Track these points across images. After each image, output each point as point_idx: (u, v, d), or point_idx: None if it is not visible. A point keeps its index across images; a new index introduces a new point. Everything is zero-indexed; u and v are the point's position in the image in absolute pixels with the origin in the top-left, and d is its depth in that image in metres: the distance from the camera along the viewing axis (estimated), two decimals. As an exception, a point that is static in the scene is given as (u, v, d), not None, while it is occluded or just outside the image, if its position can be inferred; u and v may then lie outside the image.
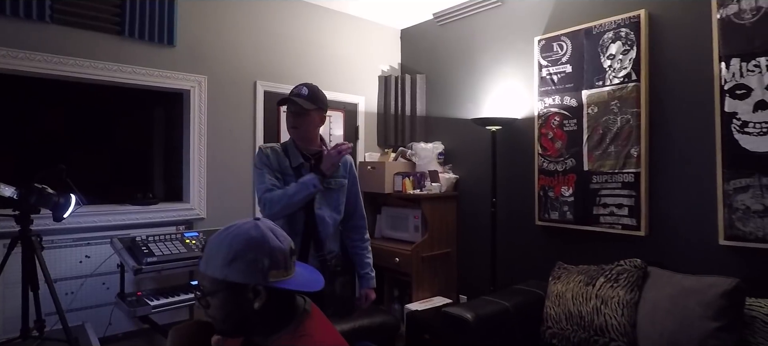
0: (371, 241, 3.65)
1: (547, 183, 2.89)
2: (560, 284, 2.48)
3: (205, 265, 0.96)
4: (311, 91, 1.87)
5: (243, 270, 0.93)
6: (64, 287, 2.38)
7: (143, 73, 2.70)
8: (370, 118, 3.91)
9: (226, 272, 0.93)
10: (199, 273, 0.99)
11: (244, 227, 0.98)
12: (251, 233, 0.97)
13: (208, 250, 0.98)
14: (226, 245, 0.95)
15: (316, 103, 1.87)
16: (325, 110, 1.94)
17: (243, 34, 3.14)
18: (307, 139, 1.93)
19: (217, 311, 0.96)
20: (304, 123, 1.88)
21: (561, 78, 2.82)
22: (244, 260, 0.94)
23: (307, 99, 1.84)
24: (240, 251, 0.94)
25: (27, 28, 2.33)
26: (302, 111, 1.84)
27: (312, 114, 1.87)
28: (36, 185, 1.75)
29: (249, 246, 0.95)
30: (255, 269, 0.94)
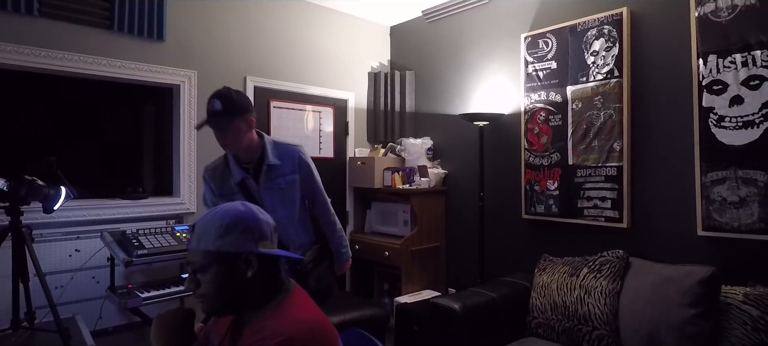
0: (361, 235, 3.74)
1: (533, 177, 2.95)
2: (546, 275, 2.54)
3: (198, 241, 1.02)
4: (225, 102, 1.69)
5: (235, 241, 1.01)
6: (54, 280, 2.38)
7: (132, 68, 2.70)
8: (360, 114, 3.94)
9: (219, 243, 1.00)
10: (189, 252, 1.03)
11: (232, 205, 1.07)
12: (240, 208, 1.06)
13: (199, 228, 1.04)
14: (218, 219, 1.02)
15: (235, 113, 1.70)
16: (249, 113, 1.77)
17: (233, 30, 3.16)
18: (241, 150, 1.80)
19: (210, 286, 1.00)
20: (230, 137, 1.73)
21: (546, 74, 2.88)
22: (237, 231, 1.01)
23: (223, 114, 1.68)
24: (232, 223, 1.02)
25: (14, 22, 2.33)
26: (222, 129, 1.72)
27: (235, 124, 1.71)
28: (26, 177, 1.75)
29: (241, 219, 1.03)
30: (247, 239, 1.02)
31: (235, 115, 1.71)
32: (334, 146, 3.77)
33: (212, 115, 1.70)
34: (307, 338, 0.96)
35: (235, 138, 1.74)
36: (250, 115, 1.78)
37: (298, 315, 1.01)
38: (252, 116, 1.80)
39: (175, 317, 1.06)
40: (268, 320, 1.00)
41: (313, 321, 1.02)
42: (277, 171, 1.86)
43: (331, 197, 2.15)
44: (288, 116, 3.48)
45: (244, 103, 1.78)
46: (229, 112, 1.70)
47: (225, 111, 1.69)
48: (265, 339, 0.94)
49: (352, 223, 3.87)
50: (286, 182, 1.88)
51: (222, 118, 1.69)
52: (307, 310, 1.06)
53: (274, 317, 1.00)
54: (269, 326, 0.97)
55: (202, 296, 1.02)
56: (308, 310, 1.06)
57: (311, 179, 2.00)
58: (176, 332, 1.04)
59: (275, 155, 1.87)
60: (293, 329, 0.96)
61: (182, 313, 1.08)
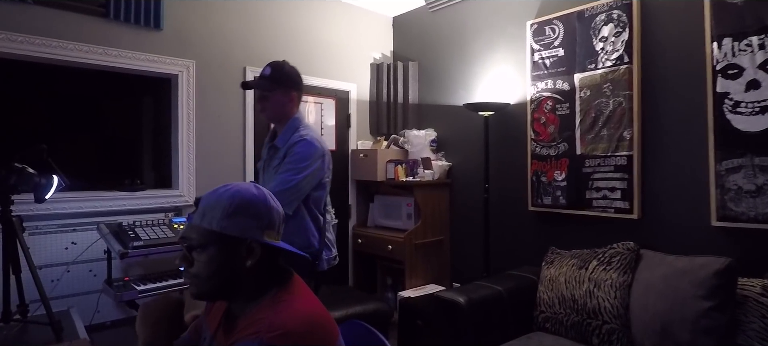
0: (364, 229, 3.68)
1: (540, 168, 2.87)
2: (553, 268, 2.47)
3: (201, 217, 0.94)
4: (274, 71, 1.79)
5: (242, 225, 0.94)
6: (50, 273, 2.34)
7: (129, 57, 2.65)
8: (362, 106, 3.87)
9: (224, 224, 0.93)
10: (188, 227, 0.96)
11: (244, 186, 1.00)
12: (253, 191, 0.99)
13: (205, 204, 0.96)
14: (228, 198, 0.95)
15: (279, 83, 1.79)
16: (293, 89, 1.83)
17: (232, 19, 3.09)
18: (274, 121, 1.88)
19: (204, 267, 0.93)
20: (269, 105, 1.82)
21: (553, 62, 2.80)
22: (246, 215, 0.94)
23: (268, 79, 1.78)
24: (242, 205, 0.95)
25: (8, 9, 2.28)
26: (263, 94, 1.81)
27: (275, 93, 1.79)
28: (16, 165, 1.70)
29: (252, 202, 0.96)
30: (253, 225, 0.95)
31: (278, 84, 1.79)
32: (336, 138, 3.70)
33: (259, 78, 1.81)
34: (305, 332, 0.90)
35: (271, 107, 1.81)
36: (293, 91, 1.84)
37: (296, 308, 0.94)
38: (294, 92, 1.85)
39: (162, 307, 1.00)
40: (265, 312, 0.93)
41: (311, 314, 0.95)
42: (276, 154, 1.84)
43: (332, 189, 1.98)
44: (289, 108, 3.41)
45: (292, 77, 1.84)
46: (273, 80, 1.78)
47: (271, 77, 1.78)
48: (260, 332, 0.87)
49: (355, 216, 3.81)
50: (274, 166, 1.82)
51: (265, 82, 1.79)
52: (306, 302, 0.99)
53: (271, 309, 0.93)
54: (265, 319, 0.90)
55: (194, 276, 0.95)
56: (307, 302, 0.99)
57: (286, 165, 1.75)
58: (164, 322, 0.98)
59: (284, 139, 1.82)
60: (291, 322, 0.89)
61: (170, 302, 1.01)
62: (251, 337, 0.87)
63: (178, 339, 1.10)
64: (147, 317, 0.98)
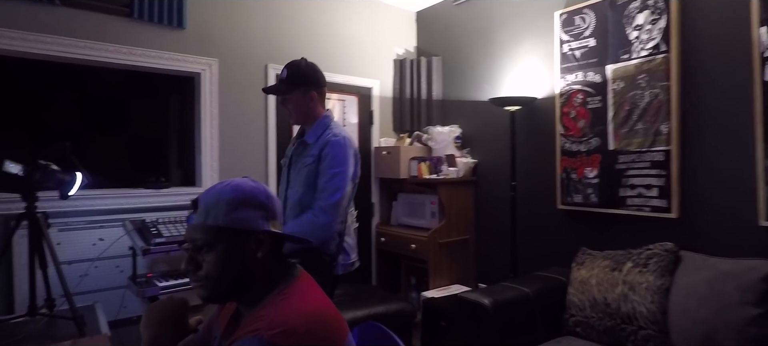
0: (387, 228, 3.62)
1: (569, 165, 2.74)
2: (584, 270, 2.35)
3: (205, 216, 0.91)
4: (291, 72, 1.77)
5: (248, 217, 0.92)
6: (78, 269, 2.39)
7: (153, 56, 2.68)
8: (385, 103, 3.82)
9: (230, 218, 0.90)
10: (191, 228, 0.93)
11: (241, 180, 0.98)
12: (251, 183, 0.97)
13: (206, 201, 0.93)
14: (229, 192, 0.93)
15: (294, 84, 1.76)
16: (312, 88, 1.79)
17: (254, 17, 3.10)
18: (299, 122, 1.87)
19: (213, 267, 0.90)
20: (288, 106, 1.81)
21: (584, 53, 2.67)
22: (251, 205, 0.93)
23: (285, 82, 1.77)
24: (244, 197, 0.93)
25: (36, 11, 2.34)
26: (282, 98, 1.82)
27: (293, 94, 1.78)
28: (40, 162, 1.73)
29: (254, 193, 0.95)
30: (259, 215, 0.93)
31: (295, 86, 1.78)
32: (358, 136, 3.66)
33: (277, 82, 1.82)
34: (307, 331, 0.85)
35: (293, 108, 1.81)
36: (312, 89, 1.80)
37: (299, 305, 0.90)
38: (315, 91, 1.81)
39: (166, 308, 0.97)
40: (268, 308, 0.89)
41: (316, 312, 0.91)
42: (306, 150, 1.80)
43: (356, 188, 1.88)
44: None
45: (309, 76, 1.81)
46: (290, 82, 1.77)
47: (288, 79, 1.77)
48: (260, 330, 0.83)
49: (378, 215, 3.76)
50: (303, 163, 1.79)
51: (283, 85, 1.78)
52: (311, 299, 0.94)
53: (274, 305, 0.89)
54: (267, 316, 0.86)
55: (203, 278, 0.91)
56: (312, 299, 0.95)
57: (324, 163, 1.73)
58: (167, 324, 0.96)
59: (315, 136, 1.79)
60: (293, 319, 0.85)
61: (175, 303, 0.99)
62: (251, 334, 0.83)
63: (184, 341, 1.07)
64: (151, 318, 0.95)
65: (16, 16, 2.29)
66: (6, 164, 1.71)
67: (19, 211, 1.77)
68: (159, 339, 0.94)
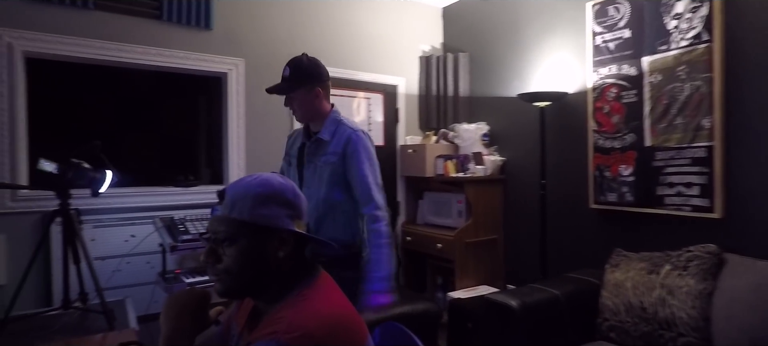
0: (413, 226, 3.58)
1: (603, 162, 2.63)
2: (619, 272, 2.24)
3: (230, 208, 0.89)
4: (294, 70, 1.73)
5: (274, 213, 0.91)
6: (111, 264, 2.47)
7: (182, 57, 2.74)
8: (411, 100, 3.78)
9: (255, 213, 0.89)
10: (215, 220, 0.92)
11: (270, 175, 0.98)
12: (279, 179, 0.96)
13: (232, 194, 0.91)
14: (257, 185, 0.92)
15: (299, 82, 1.72)
16: (316, 84, 1.75)
17: (279, 16, 3.12)
18: (306, 119, 1.83)
19: (234, 261, 0.88)
20: (294, 104, 1.78)
21: (618, 45, 2.55)
22: (277, 202, 0.92)
23: (289, 80, 1.73)
24: (272, 194, 0.92)
25: (72, 15, 2.42)
26: (288, 97, 1.78)
27: (298, 92, 1.74)
28: (73, 160, 1.79)
29: (282, 190, 0.94)
30: (284, 214, 0.92)
31: (300, 83, 1.74)
32: (384, 134, 3.64)
33: (281, 80, 1.77)
34: (326, 335, 0.83)
35: (298, 105, 1.78)
36: (316, 85, 1.76)
37: (318, 308, 0.88)
38: (319, 87, 1.77)
39: (185, 300, 0.96)
40: (287, 310, 0.87)
41: (335, 315, 0.88)
42: (322, 148, 1.78)
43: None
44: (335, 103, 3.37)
45: (312, 72, 1.77)
46: (293, 80, 1.74)
47: (291, 77, 1.74)
48: (277, 333, 0.81)
49: (404, 213, 3.72)
50: (324, 160, 1.76)
51: (286, 84, 1.75)
52: (330, 302, 0.92)
53: (293, 307, 0.87)
54: (286, 318, 0.84)
55: (222, 272, 0.89)
56: (332, 302, 0.92)
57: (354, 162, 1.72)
58: (186, 316, 0.94)
59: (329, 132, 1.77)
60: (312, 323, 0.83)
61: (194, 295, 0.97)
62: (269, 336, 0.81)
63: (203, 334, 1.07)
64: (169, 309, 0.94)
65: (53, 21, 2.39)
66: (41, 163, 1.78)
67: (54, 208, 1.84)
68: (177, 333, 0.93)
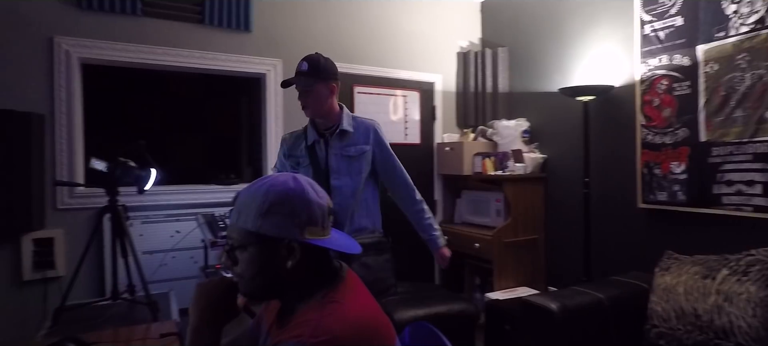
0: (450, 226, 3.52)
1: (652, 159, 2.47)
2: (669, 276, 2.10)
3: (237, 217, 0.90)
4: (312, 64, 1.78)
5: (278, 223, 0.87)
6: (157, 258, 2.60)
7: (223, 59, 2.83)
8: (448, 97, 3.72)
9: (259, 223, 0.86)
10: (229, 226, 0.93)
11: (280, 179, 0.92)
12: (289, 184, 0.90)
13: (240, 201, 0.91)
14: (262, 195, 0.88)
15: (319, 76, 1.77)
16: (332, 80, 1.82)
17: (316, 16, 3.16)
18: (320, 114, 1.86)
19: (246, 268, 0.89)
20: (311, 100, 1.80)
21: (669, 33, 2.38)
22: (280, 212, 0.87)
23: (308, 75, 1.77)
24: (276, 202, 0.87)
25: (121, 22, 2.57)
26: (306, 90, 1.80)
27: (317, 89, 1.78)
28: (120, 159, 1.89)
29: (286, 197, 0.88)
30: (291, 223, 0.87)
31: (319, 78, 1.78)
32: (420, 132, 3.60)
33: (298, 75, 1.79)
34: (353, 339, 0.81)
35: (315, 100, 1.80)
36: (333, 82, 1.83)
37: (345, 311, 0.86)
38: (334, 83, 1.84)
39: (212, 291, 0.96)
40: (312, 312, 0.86)
41: (362, 319, 0.87)
42: (349, 138, 1.87)
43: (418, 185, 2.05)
44: (372, 102, 3.40)
45: (329, 69, 1.82)
46: (313, 75, 1.77)
47: (310, 72, 1.77)
48: (303, 336, 0.80)
49: (441, 212, 3.68)
50: (356, 150, 1.87)
51: (306, 78, 1.77)
52: (357, 305, 0.90)
53: (319, 310, 0.86)
54: (311, 321, 0.83)
55: (238, 276, 0.91)
56: (359, 305, 0.90)
57: (386, 152, 1.95)
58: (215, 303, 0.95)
59: (350, 124, 1.89)
60: (338, 326, 0.82)
61: (224, 284, 0.98)
62: (294, 339, 0.81)
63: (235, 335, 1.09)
64: (197, 299, 0.96)
65: (105, 28, 2.54)
66: (93, 162, 1.89)
67: (104, 204, 1.95)
68: (204, 323, 0.94)
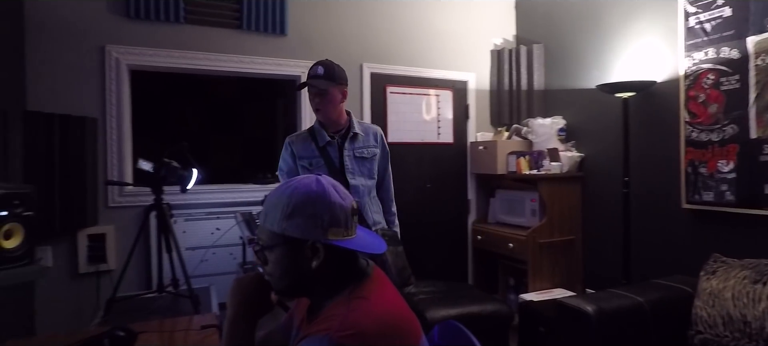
0: (484, 225, 3.49)
1: (697, 157, 2.36)
2: (716, 280, 2.00)
3: (264, 219, 0.94)
4: (327, 69, 1.86)
5: (301, 225, 0.90)
6: (199, 254, 2.72)
7: (260, 63, 2.93)
8: (482, 96, 3.68)
9: (284, 225, 0.90)
10: (258, 228, 0.97)
11: (304, 182, 0.95)
12: (312, 187, 0.93)
13: (266, 204, 0.96)
14: (286, 197, 0.92)
15: (334, 80, 1.86)
16: (345, 85, 1.93)
17: (349, 18, 3.21)
18: (331, 118, 1.94)
19: (275, 268, 0.94)
20: (325, 102, 1.87)
21: (716, 25, 2.27)
22: (303, 215, 0.90)
23: (324, 78, 1.85)
24: (299, 204, 0.91)
25: (166, 29, 2.71)
26: (321, 91, 1.86)
27: (331, 92, 1.86)
28: (165, 160, 2.00)
29: (309, 200, 0.91)
30: (313, 225, 0.90)
31: (333, 82, 1.87)
32: (453, 131, 3.59)
33: (313, 78, 1.87)
34: (378, 334, 0.84)
35: (328, 103, 1.88)
36: (345, 86, 1.93)
37: (371, 307, 0.89)
38: (346, 89, 1.94)
39: (250, 283, 1.02)
40: (340, 308, 0.89)
41: (388, 314, 0.89)
42: (360, 140, 2.00)
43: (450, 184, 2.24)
44: (404, 101, 3.41)
45: (342, 74, 1.92)
46: (328, 78, 1.86)
47: (325, 76, 1.85)
48: (330, 330, 0.84)
49: (475, 212, 3.65)
50: (369, 152, 2.00)
51: (322, 81, 1.85)
52: (384, 301, 0.93)
53: (346, 306, 0.89)
54: (338, 316, 0.87)
55: (269, 275, 0.97)
56: (385, 301, 0.93)
57: (386, 159, 2.12)
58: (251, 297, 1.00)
59: (360, 129, 2.02)
60: (364, 322, 0.85)
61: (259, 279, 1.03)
62: (322, 333, 0.84)
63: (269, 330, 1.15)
64: (234, 294, 1.01)
65: (151, 36, 2.68)
66: (140, 162, 2.01)
67: (150, 202, 2.07)
68: (240, 315, 0.99)
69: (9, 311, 1.88)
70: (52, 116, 2.29)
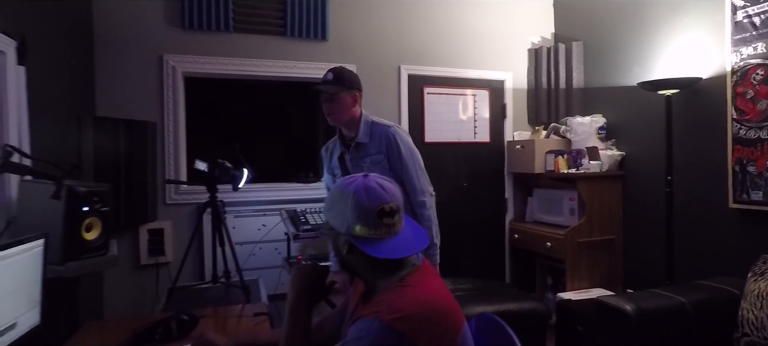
0: (521, 224, 3.50)
1: (745, 155, 2.29)
2: (765, 282, 1.95)
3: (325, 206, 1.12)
4: (337, 75, 1.87)
5: (334, 217, 1.05)
6: (247, 249, 2.89)
7: (303, 67, 3.07)
8: (519, 95, 3.68)
9: (326, 216, 1.08)
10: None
11: (347, 180, 1.07)
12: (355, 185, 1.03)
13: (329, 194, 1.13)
14: (333, 190, 1.08)
15: (344, 85, 1.86)
16: (356, 90, 1.92)
17: (387, 21, 3.30)
18: (344, 123, 1.94)
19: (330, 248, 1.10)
20: (335, 108, 1.88)
21: (766, 19, 2.20)
22: (336, 209, 1.04)
23: (333, 83, 1.86)
24: (334, 199, 1.05)
25: (218, 39, 2.89)
26: (330, 96, 1.87)
27: (341, 97, 1.86)
28: (219, 160, 2.16)
29: (340, 197, 1.03)
30: (341, 219, 1.03)
31: (343, 87, 1.87)
32: (490, 130, 3.61)
33: (323, 83, 1.89)
34: (424, 318, 0.94)
35: (338, 108, 1.89)
36: (356, 91, 1.93)
37: (418, 294, 0.99)
38: (357, 93, 1.94)
39: (310, 272, 1.15)
40: (390, 293, 1.00)
41: (433, 301, 0.99)
42: (363, 150, 1.95)
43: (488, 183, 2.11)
44: (441, 102, 3.47)
45: (353, 79, 1.93)
46: (338, 83, 1.87)
47: (335, 81, 1.87)
48: (380, 312, 0.94)
49: (512, 211, 3.65)
50: (371, 162, 1.92)
51: (331, 86, 1.86)
52: (429, 290, 1.02)
53: (396, 291, 1.00)
54: (387, 301, 0.97)
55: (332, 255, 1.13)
56: (431, 290, 1.03)
57: (399, 160, 1.92)
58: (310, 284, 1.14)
59: (366, 134, 1.94)
60: (411, 307, 0.95)
61: (316, 269, 1.16)
62: (372, 315, 0.95)
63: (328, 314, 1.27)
64: (295, 281, 1.14)
65: (203, 45, 2.88)
66: (197, 163, 2.18)
67: (205, 200, 2.24)
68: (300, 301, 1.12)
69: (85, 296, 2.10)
70: (118, 121, 2.51)
